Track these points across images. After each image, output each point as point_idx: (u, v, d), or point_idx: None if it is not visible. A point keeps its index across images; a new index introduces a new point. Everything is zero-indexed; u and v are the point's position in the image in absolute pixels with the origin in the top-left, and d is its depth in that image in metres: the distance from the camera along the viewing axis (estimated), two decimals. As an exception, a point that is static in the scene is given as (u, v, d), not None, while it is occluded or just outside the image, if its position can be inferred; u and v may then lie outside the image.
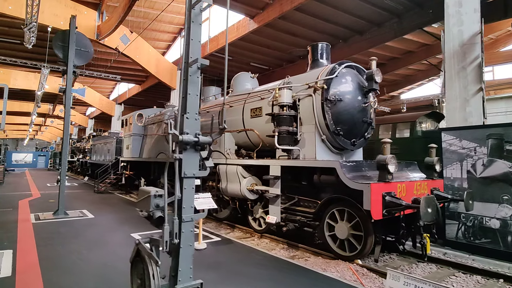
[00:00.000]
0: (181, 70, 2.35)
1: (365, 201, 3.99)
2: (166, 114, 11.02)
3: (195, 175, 2.32)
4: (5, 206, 8.98)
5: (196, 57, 2.34)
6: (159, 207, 2.25)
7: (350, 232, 4.65)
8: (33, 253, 4.80)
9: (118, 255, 4.80)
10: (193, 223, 2.29)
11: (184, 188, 2.28)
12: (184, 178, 2.26)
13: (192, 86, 2.34)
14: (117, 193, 13.36)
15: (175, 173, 2.34)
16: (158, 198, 2.27)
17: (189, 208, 2.28)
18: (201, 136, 2.32)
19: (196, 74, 2.37)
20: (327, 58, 6.09)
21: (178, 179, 2.22)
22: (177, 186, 2.21)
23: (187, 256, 2.21)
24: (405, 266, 4.86)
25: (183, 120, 2.27)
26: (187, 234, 2.24)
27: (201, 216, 2.38)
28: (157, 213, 2.20)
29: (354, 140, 5.56)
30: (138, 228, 6.53)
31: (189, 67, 2.32)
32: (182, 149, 2.22)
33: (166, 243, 2.10)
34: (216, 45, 15.34)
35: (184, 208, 2.25)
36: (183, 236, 2.19)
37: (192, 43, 2.35)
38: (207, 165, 2.37)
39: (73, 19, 8.18)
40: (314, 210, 5.20)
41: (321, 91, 5.18)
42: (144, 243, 2.34)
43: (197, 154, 2.31)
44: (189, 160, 2.28)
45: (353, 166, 4.52)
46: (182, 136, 2.19)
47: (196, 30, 2.38)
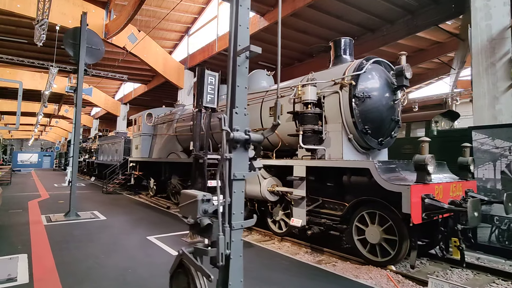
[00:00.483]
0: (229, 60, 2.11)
1: (404, 204, 3.74)
2: (177, 113, 10.82)
3: (245, 177, 2.09)
4: (15, 208, 8.81)
5: (245, 45, 2.11)
6: (207, 213, 2.02)
7: (382, 237, 4.40)
8: (49, 258, 4.59)
9: (137, 260, 4.58)
10: (242, 231, 2.05)
11: (234, 192, 2.04)
12: (233, 181, 2.03)
13: (241, 77, 2.11)
14: (125, 194, 13.18)
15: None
16: (205, 203, 2.04)
17: (239, 214, 2.05)
18: (252, 133, 2.08)
19: (244, 64, 2.14)
20: (350, 54, 5.84)
21: (227, 182, 1.98)
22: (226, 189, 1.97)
23: (237, 269, 1.98)
24: (439, 272, 4.59)
25: (232, 116, 2.03)
26: (237, 243, 2.01)
27: (251, 223, 2.15)
28: (205, 220, 1.96)
29: (382, 139, 5.31)
30: (152, 231, 6.32)
31: (237, 57, 2.09)
32: (232, 147, 1.99)
33: (222, 255, 1.86)
34: (225, 43, 15.11)
35: (234, 215, 2.02)
36: (233, 246, 1.96)
37: (240, 30, 2.12)
38: (255, 165, 2.14)
39: (84, 16, 8.00)
40: (341, 212, 4.95)
41: (348, 87, 4.93)
42: (188, 253, 2.10)
43: (246, 154, 2.08)
44: (239, 160, 2.05)
45: (387, 166, 4.27)
46: (233, 133, 1.96)
47: (244, 15, 2.15)
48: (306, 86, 5.23)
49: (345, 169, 4.74)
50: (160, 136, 11.49)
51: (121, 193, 13.42)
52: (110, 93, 31.47)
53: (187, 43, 19.29)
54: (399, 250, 4.22)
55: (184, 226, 6.76)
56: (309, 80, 5.42)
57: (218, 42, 15.61)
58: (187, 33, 19.39)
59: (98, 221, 7.30)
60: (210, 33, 17.07)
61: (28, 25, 14.80)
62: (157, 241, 5.58)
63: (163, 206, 9.86)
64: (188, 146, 9.97)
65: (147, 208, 9.56)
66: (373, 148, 5.41)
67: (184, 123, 9.93)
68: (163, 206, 9.84)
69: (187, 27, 19.20)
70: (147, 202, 10.83)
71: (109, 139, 18.72)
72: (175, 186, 10.13)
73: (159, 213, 8.72)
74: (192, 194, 2.11)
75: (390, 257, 4.32)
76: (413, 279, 4.12)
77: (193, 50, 17.93)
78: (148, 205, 10.12)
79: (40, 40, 8.95)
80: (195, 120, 5.79)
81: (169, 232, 6.29)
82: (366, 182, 4.44)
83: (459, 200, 4.35)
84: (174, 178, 10.21)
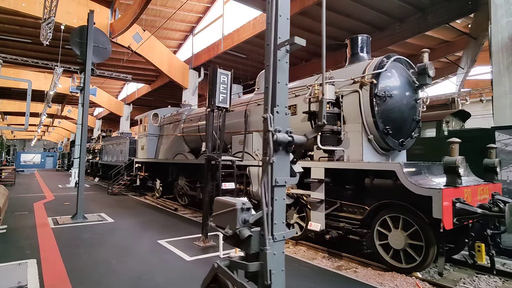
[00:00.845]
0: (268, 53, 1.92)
1: (434, 209, 3.54)
2: (184, 113, 10.66)
3: (287, 183, 1.91)
4: (21, 209, 8.65)
5: (286, 38, 1.93)
6: (246, 223, 1.83)
7: (407, 242, 4.20)
8: (59, 263, 4.42)
9: (151, 265, 4.40)
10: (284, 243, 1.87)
11: (275, 200, 1.86)
12: (275, 187, 1.84)
13: (282, 73, 1.93)
14: (131, 195, 13.02)
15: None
16: (245, 212, 1.85)
17: (281, 224, 1.87)
18: (295, 135, 1.90)
19: (285, 58, 1.96)
20: (367, 52, 5.65)
21: (268, 188, 1.80)
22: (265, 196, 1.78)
23: (280, 284, 1.79)
24: (466, 279, 4.39)
25: (272, 116, 1.84)
26: (279, 257, 1.82)
27: (292, 233, 1.97)
28: (245, 231, 1.78)
29: (403, 140, 5.11)
30: (162, 234, 6.14)
31: (277, 50, 1.91)
32: (274, 150, 1.80)
33: (270, 272, 1.67)
34: (231, 42, 14.94)
35: (275, 225, 1.83)
36: (274, 259, 1.78)
37: (281, 21, 1.94)
38: (296, 170, 1.96)
39: (91, 14, 7.83)
40: (362, 216, 4.76)
41: (369, 86, 4.74)
42: (224, 266, 1.91)
43: (288, 157, 1.90)
44: (280, 165, 1.87)
45: (413, 169, 4.08)
46: (276, 134, 1.77)
47: (284, 4, 1.97)
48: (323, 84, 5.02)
49: (367, 171, 4.54)
50: (167, 137, 11.33)
51: (126, 194, 13.26)
52: (113, 93, 31.37)
53: (191, 43, 19.13)
54: (425, 256, 4.03)
55: (194, 229, 6.59)
56: (327, 78, 5.23)
57: (223, 41, 15.43)
58: (192, 33, 19.23)
59: (106, 224, 7.13)
60: (215, 33, 16.90)
61: (32, 25, 14.69)
62: (169, 245, 5.40)
63: (170, 208, 9.69)
64: (195, 146, 9.81)
65: (154, 210, 9.39)
66: (393, 149, 5.22)
67: (192, 124, 9.76)
68: (171, 208, 9.67)
69: (192, 27, 19.04)
70: (154, 204, 10.66)
71: (113, 139, 18.58)
72: (182, 188, 9.96)
73: (167, 215, 8.54)
74: (229, 202, 1.92)
75: (416, 263, 4.12)
76: (440, 287, 3.92)
77: (198, 50, 17.76)
78: (155, 207, 9.95)
79: (46, 39, 8.80)
80: (207, 120, 5.60)
81: (179, 235, 6.11)
82: (389, 185, 4.25)
83: (487, 203, 4.16)
84: (181, 179, 10.04)
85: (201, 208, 9.44)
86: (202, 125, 9.12)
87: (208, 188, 5.57)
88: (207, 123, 5.60)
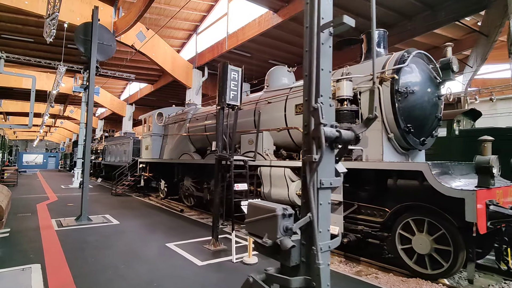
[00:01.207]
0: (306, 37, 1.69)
1: (467, 212, 3.30)
2: (189, 113, 10.44)
3: (332, 184, 1.68)
4: (24, 211, 8.45)
5: (329, 18, 1.71)
6: (288, 231, 1.59)
7: (433, 246, 3.96)
8: (64, 269, 4.20)
9: (161, 271, 4.17)
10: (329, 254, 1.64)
11: (320, 204, 1.63)
12: (320, 190, 1.61)
13: (325, 58, 1.70)
14: (134, 196, 12.82)
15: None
16: (287, 218, 1.61)
17: (326, 233, 1.64)
18: (343, 130, 1.67)
19: (328, 42, 1.74)
20: (384, 47, 5.41)
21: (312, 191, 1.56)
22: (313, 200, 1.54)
23: (326, 302, 1.56)
24: (494, 286, 4.15)
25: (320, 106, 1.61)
26: (325, 270, 1.59)
27: (337, 243, 1.74)
28: (287, 241, 1.54)
29: (424, 138, 4.87)
30: (170, 237, 5.92)
31: (320, 32, 1.68)
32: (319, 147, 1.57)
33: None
34: (235, 41, 14.72)
35: (320, 233, 1.60)
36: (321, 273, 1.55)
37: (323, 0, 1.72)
38: (339, 170, 1.73)
39: (95, 10, 7.62)
40: (382, 219, 4.52)
41: (389, 82, 4.50)
42: (260, 280, 1.68)
43: (333, 155, 1.67)
44: (324, 164, 1.64)
45: (440, 169, 3.84)
46: (324, 129, 1.54)
47: (327, -18, 1.74)
48: (341, 81, 4.80)
49: (389, 171, 4.30)
50: (171, 137, 11.11)
51: (130, 195, 13.06)
52: (115, 93, 31.22)
53: (195, 42, 18.92)
54: (454, 262, 3.78)
55: (202, 232, 6.37)
56: (344, 75, 4.99)
57: (228, 40, 15.21)
58: (196, 32, 19.02)
59: (111, 226, 6.92)
60: (220, 31, 16.69)
61: (35, 24, 14.52)
62: (178, 249, 5.17)
63: (176, 209, 9.47)
64: (201, 146, 9.58)
65: (159, 211, 9.17)
66: (413, 149, 4.98)
67: (198, 123, 9.53)
68: (176, 209, 9.45)
69: (196, 25, 18.83)
70: (158, 205, 10.45)
71: (116, 139, 18.38)
72: (188, 188, 9.74)
73: (173, 216, 8.32)
74: (267, 206, 1.67)
75: (443, 269, 3.88)
76: (471, 295, 3.68)
77: (202, 49, 17.55)
78: (160, 208, 9.73)
79: (50, 36, 8.59)
80: (218, 118, 5.38)
81: (188, 238, 5.88)
82: (413, 186, 4.01)
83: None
84: (187, 180, 9.82)
85: (208, 210, 9.23)
86: (209, 125, 8.90)
87: (218, 190, 5.35)
88: (218, 122, 5.37)
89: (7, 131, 43.97)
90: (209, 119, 8.99)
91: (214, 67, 17.69)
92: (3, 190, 6.32)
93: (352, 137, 1.73)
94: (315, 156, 1.54)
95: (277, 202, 5.86)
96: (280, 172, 5.58)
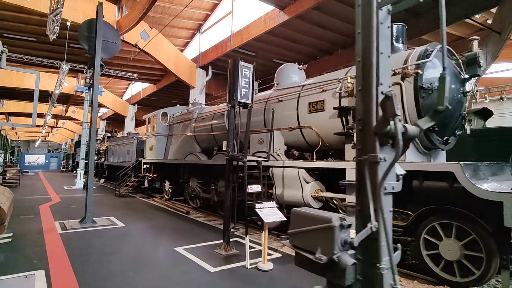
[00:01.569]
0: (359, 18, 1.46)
1: (506, 216, 3.05)
2: (195, 112, 10.22)
3: (394, 189, 1.44)
4: (26, 213, 8.24)
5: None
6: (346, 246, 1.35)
7: (462, 253, 3.71)
8: (70, 276, 3.97)
9: (172, 278, 3.94)
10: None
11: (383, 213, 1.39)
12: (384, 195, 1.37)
13: (384, 41, 1.47)
14: (138, 197, 12.59)
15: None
16: (345, 230, 1.37)
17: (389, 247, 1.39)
18: (409, 125, 1.43)
19: (386, 21, 1.50)
20: (403, 42, 5.16)
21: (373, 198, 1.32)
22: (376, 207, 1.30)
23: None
24: (527, 294, 3.88)
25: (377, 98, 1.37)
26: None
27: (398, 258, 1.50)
28: (347, 258, 1.30)
29: (447, 137, 4.62)
30: (178, 241, 5.68)
31: (379, 9, 1.45)
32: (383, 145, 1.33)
33: None
34: (240, 40, 14.50)
35: (382, 247, 1.36)
36: (383, 295, 1.31)
37: (381, -28, 1.49)
38: (398, 172, 1.49)
39: (100, 7, 7.40)
40: (405, 223, 4.27)
41: (412, 78, 4.26)
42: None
43: (393, 154, 1.43)
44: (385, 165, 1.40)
45: (472, 170, 3.59)
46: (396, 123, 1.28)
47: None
48: (359, 77, 4.55)
49: (415, 172, 4.05)
50: (176, 137, 10.89)
51: (134, 196, 12.84)
52: (118, 94, 31.04)
53: (199, 41, 18.70)
54: (486, 270, 3.53)
55: (211, 235, 6.13)
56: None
57: (233, 38, 14.98)
58: (199, 31, 18.81)
59: (116, 229, 6.69)
60: (223, 30, 16.47)
61: (37, 22, 14.33)
62: (188, 254, 4.94)
63: (181, 211, 9.23)
64: (207, 146, 9.35)
65: (165, 213, 8.94)
66: (435, 148, 4.73)
67: (204, 123, 9.31)
68: (182, 211, 9.21)
69: (199, 24, 18.62)
70: (163, 206, 10.22)
71: (119, 139, 18.18)
72: (194, 190, 9.51)
73: (179, 219, 8.09)
74: (320, 216, 1.42)
75: (474, 277, 3.63)
76: (506, 305, 3.43)
77: (205, 48, 17.33)
78: (165, 210, 9.50)
79: (53, 32, 8.37)
80: (229, 117, 5.14)
81: (196, 242, 5.64)
82: (441, 188, 3.76)
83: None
84: (193, 181, 9.58)
85: (215, 212, 8.99)
86: (216, 124, 8.67)
87: (229, 191, 5.11)
88: (229, 121, 5.13)
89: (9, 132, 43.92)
90: (216, 118, 8.76)
91: (218, 66, 17.47)
92: (5, 192, 6.10)
93: (418, 132, 1.50)
94: (381, 155, 1.31)
95: (290, 203, 5.64)
96: (294, 173, 5.34)
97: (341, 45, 14.63)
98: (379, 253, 1.30)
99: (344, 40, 14.03)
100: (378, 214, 1.32)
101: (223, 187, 8.01)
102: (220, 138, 8.47)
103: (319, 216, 1.46)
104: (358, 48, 1.47)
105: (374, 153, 1.33)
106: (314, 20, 12.44)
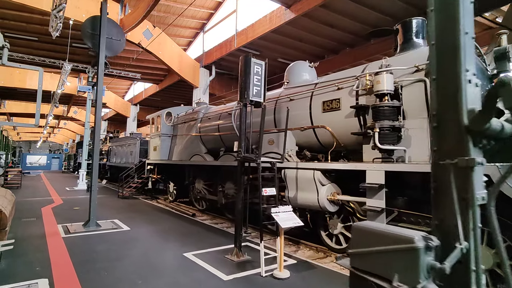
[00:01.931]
0: None
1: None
2: (200, 112, 9.98)
3: (484, 199, 1.20)
4: (28, 215, 8.02)
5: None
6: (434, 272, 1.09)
7: (495, 261, 3.45)
8: (75, 284, 3.74)
9: (183, 287, 3.70)
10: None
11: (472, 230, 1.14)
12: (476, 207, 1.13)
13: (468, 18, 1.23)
14: (141, 198, 12.37)
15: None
16: (429, 253, 1.11)
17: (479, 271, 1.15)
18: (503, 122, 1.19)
19: None
20: (423, 37, 4.91)
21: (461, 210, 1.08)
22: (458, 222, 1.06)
23: None
24: None
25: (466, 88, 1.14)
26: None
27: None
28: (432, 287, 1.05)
29: (473, 137, 4.36)
30: (187, 246, 5.44)
31: None
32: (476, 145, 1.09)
33: None
34: (245, 38, 14.26)
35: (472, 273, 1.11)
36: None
37: None
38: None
39: (104, 4, 7.18)
40: (428, 228, 4.01)
41: (438, 74, 4.00)
42: None
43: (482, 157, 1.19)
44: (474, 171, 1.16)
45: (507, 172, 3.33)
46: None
47: None
48: (380, 74, 4.32)
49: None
50: (181, 137, 10.65)
51: (137, 197, 12.62)
52: (119, 94, 30.85)
53: (202, 40, 18.48)
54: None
55: (220, 239, 5.89)
56: (383, 67, 4.50)
57: (237, 37, 14.75)
58: (203, 30, 18.59)
59: (121, 233, 6.46)
60: (227, 29, 16.24)
61: (39, 21, 14.13)
62: (197, 260, 4.70)
63: (187, 213, 8.99)
64: (213, 147, 9.11)
65: (170, 215, 8.71)
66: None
67: (210, 123, 9.07)
68: (188, 214, 8.98)
69: (203, 23, 18.40)
70: (168, 208, 9.99)
71: (122, 140, 17.97)
72: (200, 191, 9.27)
73: (185, 221, 7.86)
74: (395, 234, 1.14)
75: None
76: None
77: (209, 47, 17.11)
78: (170, 212, 9.27)
79: (56, 30, 8.15)
80: (241, 117, 4.90)
81: (206, 247, 5.40)
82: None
83: None
84: (198, 182, 9.35)
85: (222, 214, 8.74)
86: (223, 124, 8.43)
87: (241, 194, 4.87)
88: (241, 120, 4.90)
89: (11, 132, 43.79)
90: (222, 118, 8.52)
91: (222, 66, 17.25)
92: (6, 195, 5.88)
93: (511, 131, 1.26)
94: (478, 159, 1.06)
95: (303, 207, 5.39)
96: (309, 175, 5.10)
97: (349, 43, 14.36)
98: (469, 280, 1.05)
99: (352, 38, 13.75)
100: (469, 231, 1.08)
101: (230, 189, 7.78)
102: (227, 138, 8.23)
103: (395, 234, 1.18)
104: (430, 30, 1.24)
105: (467, 156, 1.09)
106: (321, 18, 12.20)
